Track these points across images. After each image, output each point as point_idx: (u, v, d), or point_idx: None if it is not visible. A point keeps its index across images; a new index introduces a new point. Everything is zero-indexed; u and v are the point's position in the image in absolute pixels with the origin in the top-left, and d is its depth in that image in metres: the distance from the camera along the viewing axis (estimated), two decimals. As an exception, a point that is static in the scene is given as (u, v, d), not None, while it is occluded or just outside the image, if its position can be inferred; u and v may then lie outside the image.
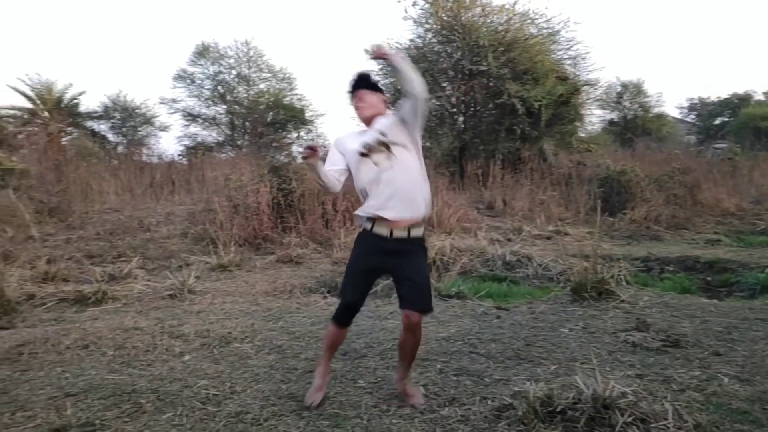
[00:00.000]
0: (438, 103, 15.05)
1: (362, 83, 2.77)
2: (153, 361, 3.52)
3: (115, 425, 2.63)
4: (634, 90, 26.75)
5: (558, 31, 14.77)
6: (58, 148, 13.52)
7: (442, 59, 15.25)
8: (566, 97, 14.33)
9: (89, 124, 19.32)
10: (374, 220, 2.62)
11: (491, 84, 14.42)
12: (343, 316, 2.79)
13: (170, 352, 3.66)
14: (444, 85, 15.45)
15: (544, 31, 14.71)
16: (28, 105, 17.75)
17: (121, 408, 2.81)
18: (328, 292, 5.51)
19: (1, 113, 16.95)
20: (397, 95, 11.34)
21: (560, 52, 15.24)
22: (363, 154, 2.60)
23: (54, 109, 17.46)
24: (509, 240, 8.34)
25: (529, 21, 14.64)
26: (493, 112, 14.94)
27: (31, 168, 10.60)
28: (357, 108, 2.75)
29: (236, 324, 4.28)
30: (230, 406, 2.83)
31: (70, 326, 4.28)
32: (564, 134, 15.38)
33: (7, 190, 8.66)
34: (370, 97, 2.74)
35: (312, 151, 2.51)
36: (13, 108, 17.79)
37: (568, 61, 15.36)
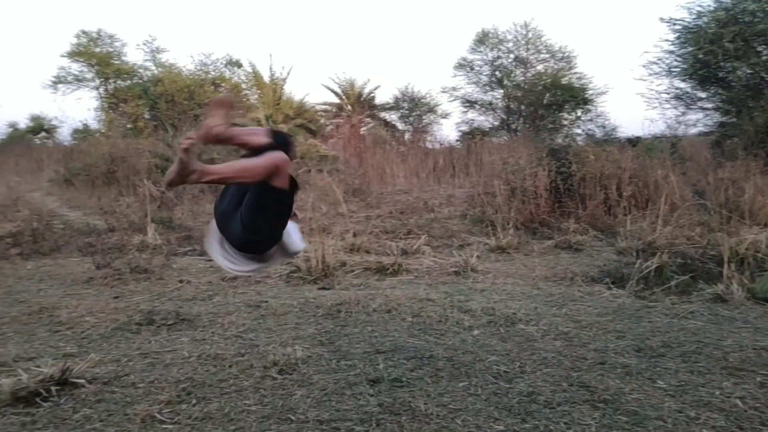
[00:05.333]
0: (750, 71, 12.72)
1: None
2: (446, 331, 3.81)
3: (419, 385, 2.94)
4: None
5: None
6: (359, 137, 15.50)
7: (758, 19, 12.81)
8: None
9: (382, 114, 21.67)
10: None
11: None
12: None
13: (460, 325, 3.92)
14: (760, 49, 12.96)
15: None
16: (336, 100, 20.79)
17: (423, 370, 3.12)
18: (613, 282, 5.20)
19: (316, 108, 20.25)
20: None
21: None
22: None
23: (355, 103, 20.08)
24: None
25: None
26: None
27: (338, 154, 12.37)
28: None
29: (520, 306, 4.36)
30: (521, 385, 2.91)
31: (374, 292, 4.89)
32: None
33: (323, 173, 10.26)
34: None
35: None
36: (324, 103, 21.09)
37: None
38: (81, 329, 3.98)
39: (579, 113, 19.53)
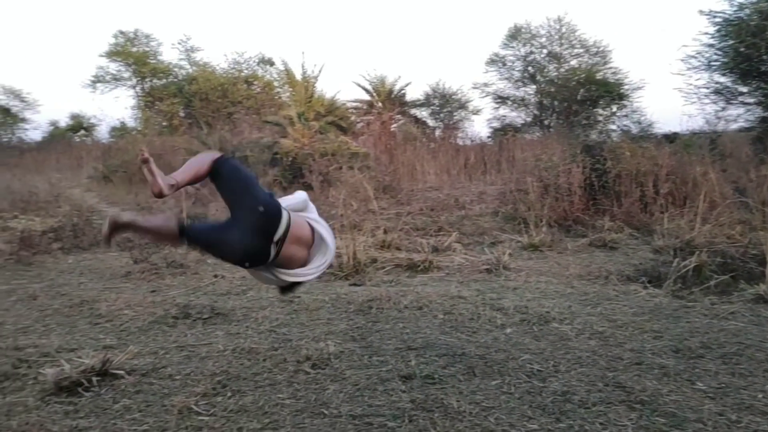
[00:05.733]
0: None
1: None
2: (478, 329, 3.79)
3: (452, 382, 2.93)
4: None
5: None
6: (389, 134, 15.50)
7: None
8: None
9: (413, 111, 21.62)
10: None
11: None
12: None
13: (492, 323, 3.89)
14: None
15: None
16: (367, 97, 20.83)
17: (455, 367, 3.11)
18: (649, 282, 5.09)
19: (347, 106, 20.34)
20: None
21: None
22: None
23: (386, 100, 20.08)
24: None
25: None
26: None
27: (369, 151, 12.40)
28: None
29: (553, 304, 4.30)
30: (555, 384, 2.87)
31: (405, 289, 4.90)
32: None
33: (354, 170, 10.30)
34: None
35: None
36: (355, 101, 21.17)
37: None
38: (120, 322, 4.09)
39: (614, 109, 19.13)
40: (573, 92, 19.24)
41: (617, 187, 8.08)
